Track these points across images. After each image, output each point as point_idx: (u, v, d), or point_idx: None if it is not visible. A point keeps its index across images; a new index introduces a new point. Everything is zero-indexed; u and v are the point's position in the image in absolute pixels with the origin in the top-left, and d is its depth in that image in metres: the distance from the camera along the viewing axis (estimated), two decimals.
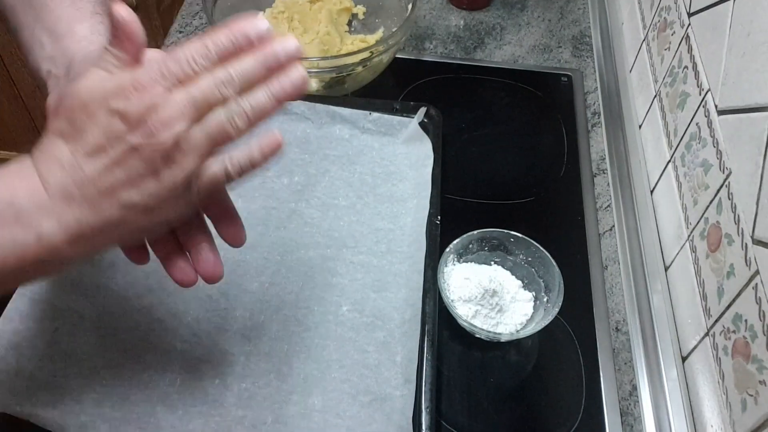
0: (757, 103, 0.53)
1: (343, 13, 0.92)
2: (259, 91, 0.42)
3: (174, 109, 0.40)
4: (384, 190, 0.74)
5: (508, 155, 0.83)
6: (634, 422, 0.63)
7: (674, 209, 0.68)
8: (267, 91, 0.42)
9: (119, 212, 0.41)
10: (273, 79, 0.42)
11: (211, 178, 0.43)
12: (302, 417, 0.58)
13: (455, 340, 0.66)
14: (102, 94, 0.40)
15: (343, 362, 0.61)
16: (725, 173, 0.58)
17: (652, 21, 0.81)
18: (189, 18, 0.99)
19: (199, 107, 0.41)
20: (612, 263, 0.74)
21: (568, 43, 0.98)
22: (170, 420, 0.57)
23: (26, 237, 0.40)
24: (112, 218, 0.41)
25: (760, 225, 0.50)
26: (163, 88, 0.40)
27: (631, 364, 0.66)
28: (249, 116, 0.42)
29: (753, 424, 0.49)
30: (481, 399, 0.63)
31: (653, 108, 0.78)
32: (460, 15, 1.01)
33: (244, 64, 0.41)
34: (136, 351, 0.60)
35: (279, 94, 0.42)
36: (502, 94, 0.90)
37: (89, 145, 0.40)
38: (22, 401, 0.56)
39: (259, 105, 0.42)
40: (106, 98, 0.40)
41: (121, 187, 0.41)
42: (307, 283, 0.66)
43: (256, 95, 0.42)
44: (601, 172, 0.82)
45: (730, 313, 0.54)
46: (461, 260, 0.68)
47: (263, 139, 0.44)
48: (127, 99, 0.39)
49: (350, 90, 0.85)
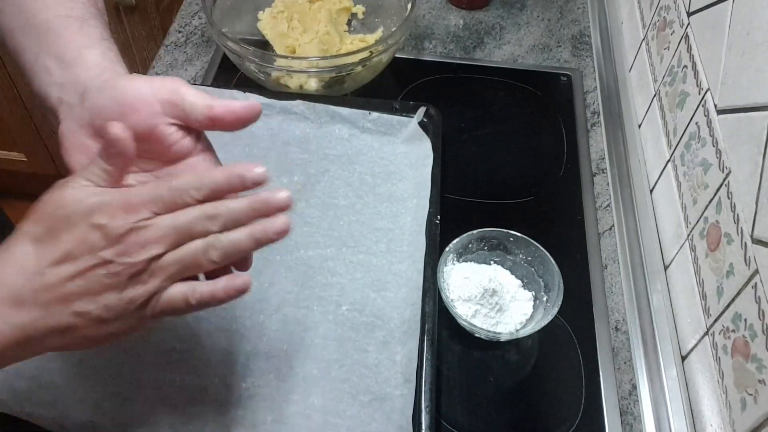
0: (757, 103, 0.53)
1: (343, 12, 0.92)
2: (242, 230, 0.43)
3: (155, 234, 0.41)
4: (384, 189, 0.74)
5: (508, 155, 0.83)
6: (633, 421, 0.63)
7: (674, 208, 0.68)
8: (248, 232, 0.43)
9: (70, 319, 0.41)
10: (257, 224, 0.43)
11: (170, 302, 0.43)
12: (302, 417, 0.58)
13: (455, 340, 0.66)
14: (88, 207, 0.41)
15: (343, 362, 0.61)
16: (725, 172, 0.58)
17: (651, 20, 0.81)
18: (188, 18, 0.99)
19: (181, 235, 0.41)
20: (611, 263, 0.74)
21: (568, 42, 0.98)
22: (170, 420, 0.57)
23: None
24: (61, 324, 0.42)
25: (760, 224, 0.50)
26: (150, 212, 0.41)
27: (630, 364, 0.66)
28: (225, 252, 0.43)
29: (752, 423, 0.49)
30: (481, 398, 0.63)
31: (653, 107, 0.78)
32: (459, 14, 1.01)
33: (234, 205, 0.42)
34: (136, 351, 0.60)
35: (260, 238, 0.43)
36: (502, 94, 0.90)
37: (59, 253, 0.40)
38: (22, 401, 0.56)
39: (238, 243, 0.43)
40: (91, 212, 0.40)
41: (78, 297, 0.41)
42: (307, 282, 0.66)
43: (238, 234, 0.43)
44: (601, 171, 0.82)
45: (729, 313, 0.54)
46: (461, 260, 0.68)
47: (231, 282, 0.44)
48: (112, 217, 0.40)
49: (350, 90, 0.85)
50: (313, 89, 0.83)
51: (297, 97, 0.79)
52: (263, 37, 0.89)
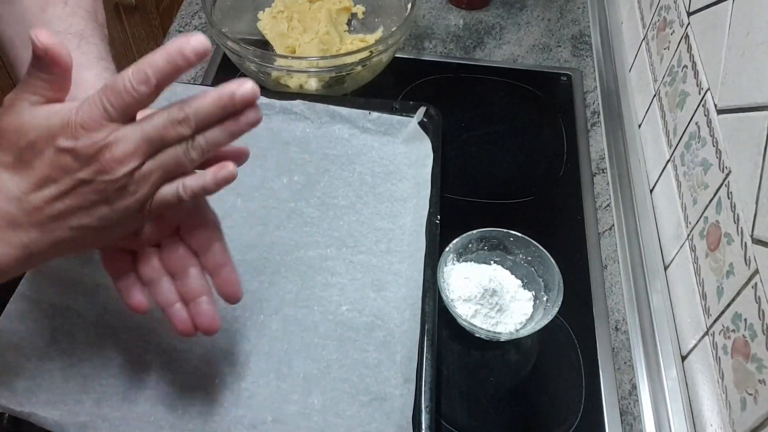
0: (757, 102, 0.53)
1: (343, 12, 0.92)
2: (215, 129, 0.42)
3: (127, 147, 0.40)
4: (383, 189, 0.74)
5: (508, 155, 0.83)
6: (633, 421, 0.63)
7: (674, 208, 0.68)
8: (222, 127, 0.42)
9: (70, 233, 0.42)
10: (228, 121, 0.42)
11: (163, 200, 0.43)
12: (302, 416, 0.58)
13: (455, 340, 0.66)
14: (47, 131, 0.40)
15: (343, 362, 0.61)
16: (725, 172, 0.58)
17: (651, 20, 0.81)
18: (188, 18, 0.99)
19: (153, 144, 0.41)
20: (611, 262, 0.74)
21: (568, 42, 0.98)
22: (170, 420, 0.57)
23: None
24: (62, 238, 0.42)
25: (760, 224, 0.50)
26: (110, 124, 0.40)
27: (630, 364, 0.66)
28: (203, 150, 0.42)
29: (752, 423, 0.49)
30: (481, 398, 0.63)
31: (653, 107, 0.78)
32: (459, 14, 1.01)
33: (199, 103, 0.41)
34: (136, 351, 0.60)
35: (234, 129, 0.43)
36: (502, 94, 0.90)
37: (36, 178, 0.40)
38: (22, 401, 0.56)
39: (214, 139, 0.42)
40: (53, 136, 0.40)
41: (72, 213, 0.41)
42: (307, 282, 0.66)
43: (211, 131, 0.42)
44: (601, 171, 0.82)
45: (729, 312, 0.54)
46: (461, 260, 0.68)
47: (218, 169, 0.44)
48: (75, 138, 0.39)
49: (350, 89, 0.85)
50: (313, 89, 0.83)
51: (297, 97, 0.79)
52: (263, 37, 0.89)
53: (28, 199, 0.41)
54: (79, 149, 0.40)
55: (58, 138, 0.40)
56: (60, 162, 0.40)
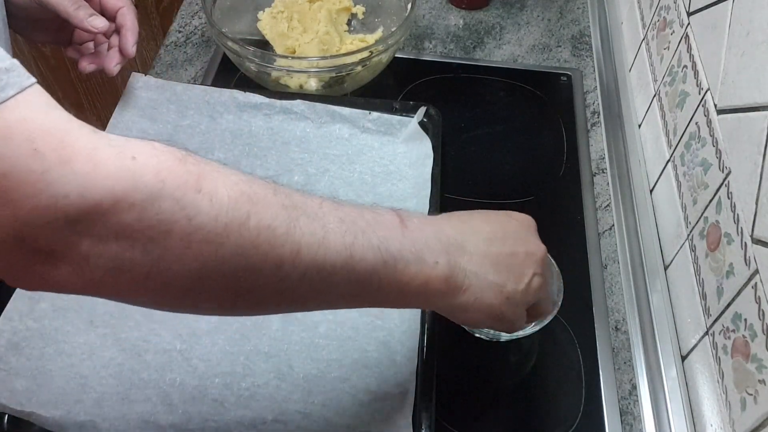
0: (756, 103, 0.53)
1: (343, 12, 0.92)
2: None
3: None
4: (384, 189, 0.74)
5: (508, 155, 0.83)
6: (633, 421, 0.63)
7: (674, 208, 0.68)
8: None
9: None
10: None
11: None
12: (302, 416, 0.58)
13: (455, 340, 0.66)
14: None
15: (343, 362, 0.61)
16: (724, 172, 0.58)
17: (651, 20, 0.81)
18: (188, 18, 0.99)
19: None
20: (611, 262, 0.74)
21: (568, 42, 0.98)
22: (170, 420, 0.57)
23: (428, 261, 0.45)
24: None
25: (760, 224, 0.50)
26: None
27: (630, 364, 0.66)
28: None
29: (752, 423, 0.49)
30: (481, 399, 0.63)
31: (653, 107, 0.78)
32: (459, 14, 1.01)
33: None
34: (136, 351, 0.60)
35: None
36: (502, 94, 0.90)
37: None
38: (22, 401, 0.56)
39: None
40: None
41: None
42: None
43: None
44: (601, 171, 0.82)
45: (729, 312, 0.54)
46: None
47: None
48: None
49: (350, 89, 0.85)
50: (313, 89, 0.83)
51: (297, 96, 0.79)
52: (263, 37, 0.89)
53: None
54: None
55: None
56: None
